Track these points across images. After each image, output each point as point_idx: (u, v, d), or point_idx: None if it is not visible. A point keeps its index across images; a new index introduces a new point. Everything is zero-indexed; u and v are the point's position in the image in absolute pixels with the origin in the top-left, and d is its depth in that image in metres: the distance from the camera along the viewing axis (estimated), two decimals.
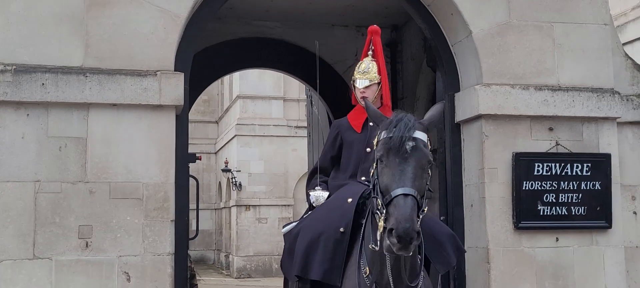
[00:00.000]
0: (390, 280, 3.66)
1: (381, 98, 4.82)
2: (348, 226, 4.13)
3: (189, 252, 9.01)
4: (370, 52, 4.90)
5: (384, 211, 3.44)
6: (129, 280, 4.79)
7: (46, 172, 4.74)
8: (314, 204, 4.64)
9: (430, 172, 3.62)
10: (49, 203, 4.72)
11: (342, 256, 4.09)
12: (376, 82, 4.78)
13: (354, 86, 4.84)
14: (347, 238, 4.12)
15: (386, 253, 3.50)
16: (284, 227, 4.89)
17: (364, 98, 4.67)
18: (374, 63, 4.84)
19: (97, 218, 4.78)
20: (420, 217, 3.47)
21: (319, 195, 4.65)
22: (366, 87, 4.76)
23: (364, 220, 4.03)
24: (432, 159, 3.63)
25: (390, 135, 3.59)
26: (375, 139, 3.78)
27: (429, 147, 3.66)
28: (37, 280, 4.66)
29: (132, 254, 4.81)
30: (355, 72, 4.85)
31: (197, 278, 9.79)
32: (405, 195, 3.37)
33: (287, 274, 4.54)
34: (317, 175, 4.82)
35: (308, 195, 4.77)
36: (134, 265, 4.81)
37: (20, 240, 4.66)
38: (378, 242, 3.56)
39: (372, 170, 3.72)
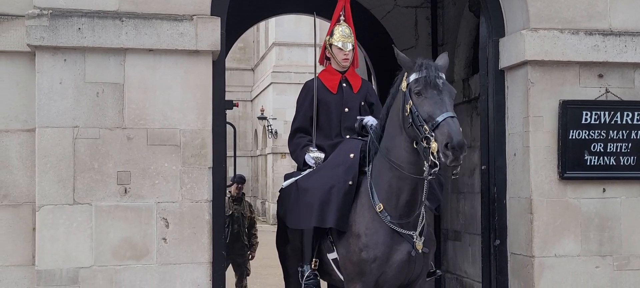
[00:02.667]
0: (405, 211, 4.42)
1: (352, 61, 5.35)
2: (355, 178, 4.68)
3: (248, 199, 9.02)
4: (342, 18, 5.32)
5: (433, 135, 4.00)
6: (167, 226, 4.80)
7: (84, 117, 4.72)
8: (313, 165, 5.07)
9: None
10: (87, 149, 4.72)
11: (350, 205, 4.65)
12: (353, 47, 5.28)
13: (334, 48, 5.26)
14: (354, 190, 4.66)
15: (439, 171, 4.08)
16: (285, 180, 5.30)
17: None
18: (351, 29, 5.30)
19: (135, 165, 4.77)
20: None
21: (317, 156, 5.11)
22: (349, 51, 5.25)
23: (368, 168, 4.66)
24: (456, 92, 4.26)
25: (423, 74, 4.19)
26: (404, 82, 4.31)
27: None
28: (78, 225, 4.70)
29: (170, 201, 4.81)
30: (336, 35, 5.26)
31: (257, 227, 9.68)
32: (452, 116, 4.01)
33: (293, 223, 4.97)
34: (299, 134, 5.31)
35: (298, 155, 5.25)
36: (172, 212, 4.81)
37: (61, 185, 4.68)
38: (435, 163, 4.02)
39: (409, 107, 4.21)
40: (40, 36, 4.64)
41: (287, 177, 5.37)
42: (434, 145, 3.99)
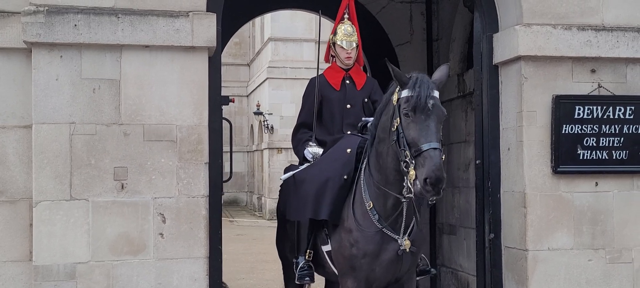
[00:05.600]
0: (392, 211, 4.44)
1: (356, 59, 5.46)
2: (350, 173, 4.75)
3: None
4: (346, 16, 5.41)
5: (413, 162, 3.99)
6: (164, 221, 4.83)
7: (81, 114, 4.75)
8: (311, 159, 5.20)
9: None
10: (84, 145, 4.75)
11: (344, 199, 4.72)
12: (356, 45, 5.38)
13: (337, 46, 5.38)
14: (349, 184, 4.74)
15: (417, 197, 4.07)
16: (284, 173, 5.45)
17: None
18: (354, 27, 5.38)
19: (131, 161, 4.80)
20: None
21: (315, 151, 5.22)
22: (352, 49, 5.36)
23: (362, 165, 4.69)
24: (446, 114, 4.23)
25: (412, 94, 4.11)
26: (395, 96, 4.28)
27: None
28: (75, 221, 4.72)
29: (167, 196, 4.84)
30: (339, 34, 5.36)
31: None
32: (435, 148, 3.95)
33: (291, 215, 5.12)
34: (302, 130, 5.44)
35: (299, 150, 5.36)
36: (169, 207, 4.84)
37: (57, 181, 4.71)
38: (410, 189, 4.08)
39: (396, 124, 4.19)
40: (37, 33, 4.65)
41: (286, 170, 5.49)
42: (412, 173, 3.99)
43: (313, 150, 5.24)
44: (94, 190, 4.75)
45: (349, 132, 5.23)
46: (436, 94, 4.18)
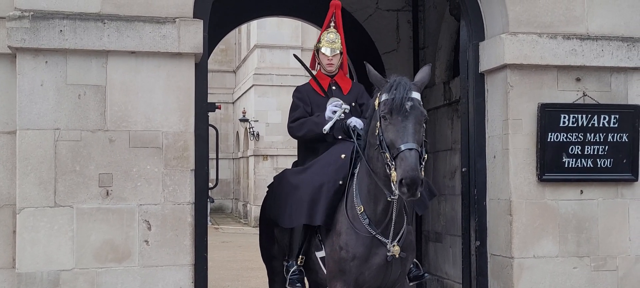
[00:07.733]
0: (382, 216, 4.47)
1: (340, 66, 5.52)
2: (345, 179, 4.78)
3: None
4: (332, 24, 5.48)
5: (393, 163, 4.02)
6: (149, 228, 4.80)
7: (66, 120, 4.71)
8: (330, 113, 5.18)
9: (425, 126, 4.22)
10: (69, 152, 4.71)
11: (338, 205, 4.74)
12: (339, 52, 5.42)
13: (320, 53, 5.45)
14: (344, 189, 4.77)
15: (395, 199, 4.22)
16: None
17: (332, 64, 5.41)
18: (338, 35, 5.45)
19: (117, 167, 4.77)
20: (422, 165, 4.07)
21: (337, 103, 5.20)
22: (333, 56, 5.40)
23: (356, 170, 4.73)
24: (427, 115, 4.24)
25: (392, 96, 4.14)
26: (376, 100, 4.32)
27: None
28: (59, 227, 4.68)
29: (153, 203, 4.81)
30: (322, 41, 5.43)
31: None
32: (410, 149, 3.96)
33: (285, 221, 5.00)
34: (300, 119, 5.40)
35: (308, 123, 5.29)
36: (155, 214, 4.81)
37: (42, 188, 4.66)
38: (394, 192, 4.10)
39: (377, 128, 4.24)
40: (21, 38, 4.62)
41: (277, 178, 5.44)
42: (393, 174, 4.03)
43: (335, 102, 5.19)
44: (78, 196, 4.71)
45: (340, 137, 5.21)
46: (415, 95, 4.19)
